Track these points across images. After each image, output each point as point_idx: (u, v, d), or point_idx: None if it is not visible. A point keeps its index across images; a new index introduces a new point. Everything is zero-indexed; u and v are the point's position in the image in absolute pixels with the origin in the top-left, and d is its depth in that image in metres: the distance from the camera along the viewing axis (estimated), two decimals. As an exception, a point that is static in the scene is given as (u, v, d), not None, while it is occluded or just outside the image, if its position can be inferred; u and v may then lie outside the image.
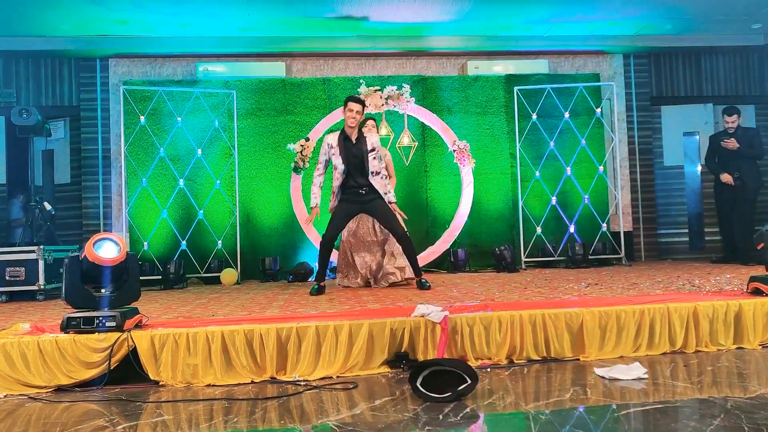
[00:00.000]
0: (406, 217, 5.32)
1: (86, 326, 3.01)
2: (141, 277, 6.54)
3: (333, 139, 5.07)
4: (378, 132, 6.44)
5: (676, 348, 3.28)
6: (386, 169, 5.26)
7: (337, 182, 5.06)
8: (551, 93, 7.64)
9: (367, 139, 5.06)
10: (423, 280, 4.99)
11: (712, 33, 8.24)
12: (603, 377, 2.81)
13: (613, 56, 8.59)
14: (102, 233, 3.14)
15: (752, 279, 3.63)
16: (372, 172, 5.01)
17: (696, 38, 8.37)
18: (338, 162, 5.01)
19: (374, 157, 5.03)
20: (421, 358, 3.10)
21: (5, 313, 4.42)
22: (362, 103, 5.06)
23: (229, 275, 6.87)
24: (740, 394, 2.47)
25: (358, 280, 5.56)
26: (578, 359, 3.20)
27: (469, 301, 3.77)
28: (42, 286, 5.49)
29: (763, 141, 7.03)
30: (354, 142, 5.02)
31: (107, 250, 3.04)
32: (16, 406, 2.71)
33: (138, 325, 3.13)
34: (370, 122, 5.83)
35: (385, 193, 5.04)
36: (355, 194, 5.04)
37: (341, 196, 5.09)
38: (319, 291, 4.91)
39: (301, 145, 7.15)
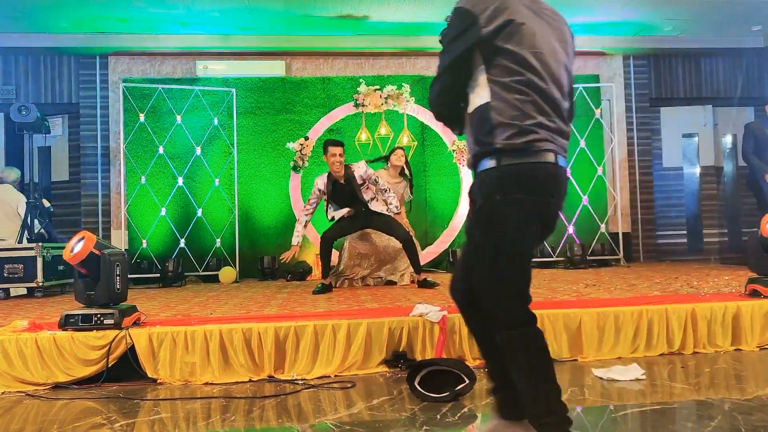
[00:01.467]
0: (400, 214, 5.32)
1: (84, 323, 3.01)
2: (140, 275, 6.70)
3: (322, 183, 5.07)
4: (384, 130, 6.43)
5: (674, 349, 3.27)
6: (385, 192, 5.15)
7: (338, 214, 5.15)
8: (551, 93, 7.62)
9: (355, 172, 5.02)
10: (426, 279, 5.01)
11: (712, 35, 8.24)
12: (601, 378, 2.82)
13: (613, 57, 8.59)
14: (81, 232, 3.05)
15: (750, 281, 3.63)
16: (369, 200, 5.05)
17: (695, 40, 8.37)
18: (332, 203, 5.13)
19: (367, 188, 5.05)
20: (419, 357, 3.10)
21: (3, 309, 4.41)
22: (342, 144, 5.03)
23: (227, 274, 6.87)
24: (738, 396, 2.48)
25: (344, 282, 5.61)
26: (576, 360, 3.20)
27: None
28: (40, 283, 5.48)
29: None
30: (343, 183, 5.02)
31: (72, 247, 2.99)
32: (14, 403, 2.70)
33: (136, 323, 3.13)
34: (399, 151, 5.78)
35: (388, 210, 5.08)
36: (358, 212, 5.12)
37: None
38: (323, 290, 4.91)
39: (301, 144, 7.14)
